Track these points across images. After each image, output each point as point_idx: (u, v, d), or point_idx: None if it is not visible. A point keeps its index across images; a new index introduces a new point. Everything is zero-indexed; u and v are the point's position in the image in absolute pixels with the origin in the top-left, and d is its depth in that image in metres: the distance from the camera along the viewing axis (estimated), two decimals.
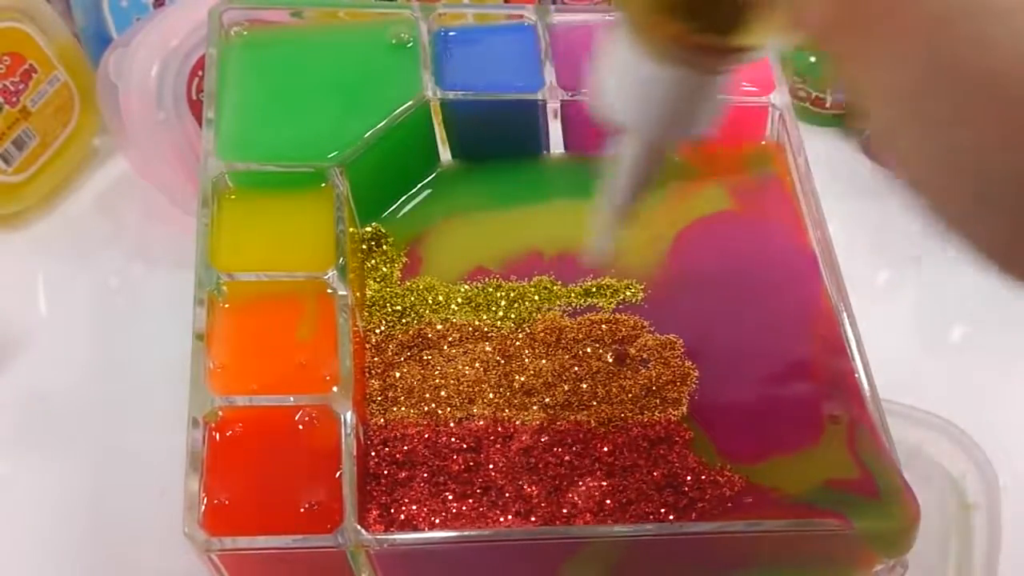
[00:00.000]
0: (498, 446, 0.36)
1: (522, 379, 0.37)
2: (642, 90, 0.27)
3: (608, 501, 0.34)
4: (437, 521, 0.34)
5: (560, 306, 0.39)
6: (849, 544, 0.34)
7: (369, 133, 0.40)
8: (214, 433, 0.33)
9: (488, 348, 0.38)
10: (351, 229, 0.39)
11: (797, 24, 0.22)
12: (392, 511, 0.34)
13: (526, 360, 0.38)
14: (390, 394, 0.37)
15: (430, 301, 0.39)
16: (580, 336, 0.38)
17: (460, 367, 0.37)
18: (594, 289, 0.40)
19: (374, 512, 0.34)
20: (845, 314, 0.39)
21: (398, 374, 0.37)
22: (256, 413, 0.34)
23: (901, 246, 0.54)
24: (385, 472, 0.35)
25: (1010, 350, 0.50)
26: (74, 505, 0.42)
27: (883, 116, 0.20)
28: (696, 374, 0.38)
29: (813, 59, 0.58)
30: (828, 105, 0.59)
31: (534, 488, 0.35)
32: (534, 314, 0.39)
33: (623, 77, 0.28)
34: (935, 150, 0.19)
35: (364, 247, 0.40)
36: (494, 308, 0.39)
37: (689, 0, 0.25)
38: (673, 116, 0.28)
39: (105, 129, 0.53)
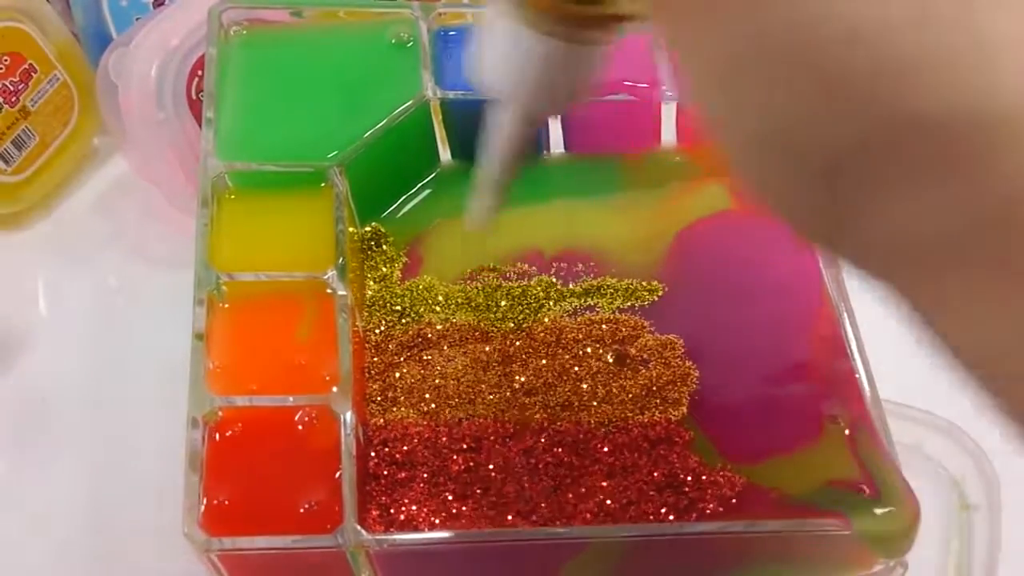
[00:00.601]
0: (498, 446, 0.36)
1: (522, 379, 0.37)
2: (518, 60, 0.28)
3: (608, 501, 0.34)
4: (437, 521, 0.34)
5: (560, 306, 0.39)
6: (849, 544, 0.34)
7: (369, 133, 0.40)
8: (214, 433, 0.33)
9: (488, 348, 0.38)
10: (351, 229, 0.39)
11: None
12: (392, 511, 0.34)
13: (526, 360, 0.38)
14: (390, 394, 0.37)
15: (430, 301, 0.39)
16: (580, 336, 0.38)
17: (460, 367, 0.37)
18: (595, 289, 0.40)
19: (374, 512, 0.34)
20: (845, 314, 0.39)
21: (398, 374, 0.37)
22: (255, 413, 0.34)
23: None
24: (385, 472, 0.35)
25: None
26: (73, 505, 0.42)
27: (698, 92, 0.20)
28: (696, 374, 0.38)
29: None
30: None
31: (534, 488, 0.34)
32: (534, 314, 0.39)
33: (499, 47, 0.28)
34: (749, 125, 0.19)
35: (363, 247, 0.40)
36: (494, 308, 0.39)
37: None
38: (549, 86, 0.28)
39: (105, 129, 0.53)
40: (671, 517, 0.34)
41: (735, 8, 0.18)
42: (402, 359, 0.38)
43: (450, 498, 0.34)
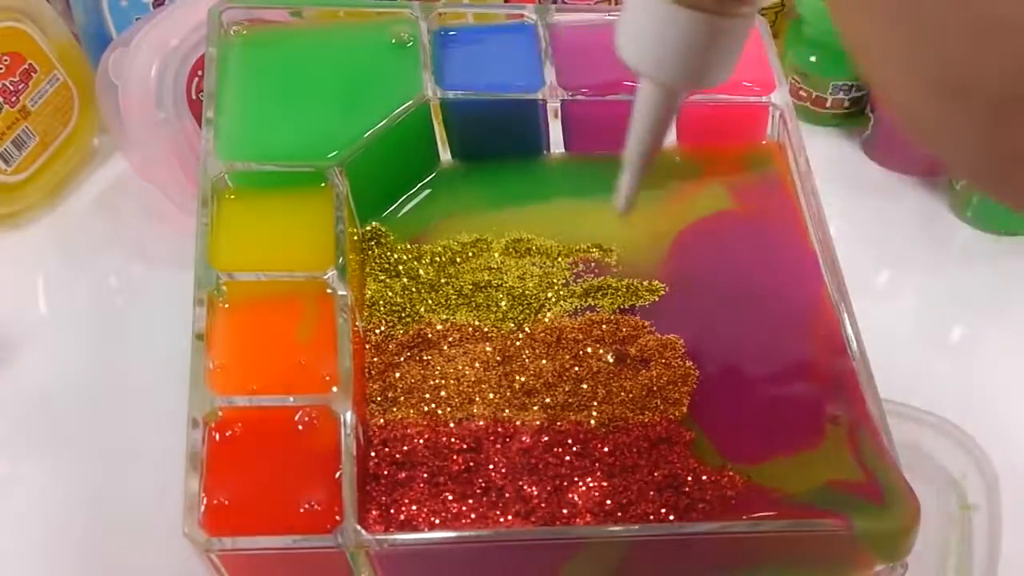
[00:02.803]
0: (498, 446, 0.36)
1: (522, 379, 0.37)
2: (659, 34, 0.27)
3: (609, 501, 0.34)
4: (437, 521, 0.34)
5: (560, 306, 0.39)
6: (850, 545, 0.34)
7: (369, 133, 0.40)
8: (214, 433, 0.33)
9: (488, 348, 0.38)
10: (351, 229, 0.39)
11: None
12: (392, 511, 0.34)
13: (526, 360, 0.38)
14: (390, 394, 0.37)
15: (430, 301, 0.39)
16: (580, 336, 0.38)
17: (460, 367, 0.37)
18: (595, 289, 0.40)
19: (374, 512, 0.34)
20: (845, 314, 0.39)
21: (398, 374, 0.37)
22: (256, 413, 0.34)
23: (901, 246, 0.54)
24: (385, 472, 0.35)
25: (1010, 350, 0.50)
26: (74, 505, 0.42)
27: (863, 41, 0.21)
28: (697, 374, 0.38)
29: (814, 59, 0.58)
30: (828, 105, 0.59)
31: (534, 488, 0.34)
32: (534, 314, 0.39)
33: (641, 21, 0.27)
34: (914, 66, 0.20)
35: (364, 247, 0.40)
36: (494, 308, 0.39)
37: None
38: (691, 62, 0.28)
39: (105, 129, 0.53)
40: (671, 517, 0.34)
41: None
42: (402, 359, 0.38)
43: (450, 498, 0.34)
